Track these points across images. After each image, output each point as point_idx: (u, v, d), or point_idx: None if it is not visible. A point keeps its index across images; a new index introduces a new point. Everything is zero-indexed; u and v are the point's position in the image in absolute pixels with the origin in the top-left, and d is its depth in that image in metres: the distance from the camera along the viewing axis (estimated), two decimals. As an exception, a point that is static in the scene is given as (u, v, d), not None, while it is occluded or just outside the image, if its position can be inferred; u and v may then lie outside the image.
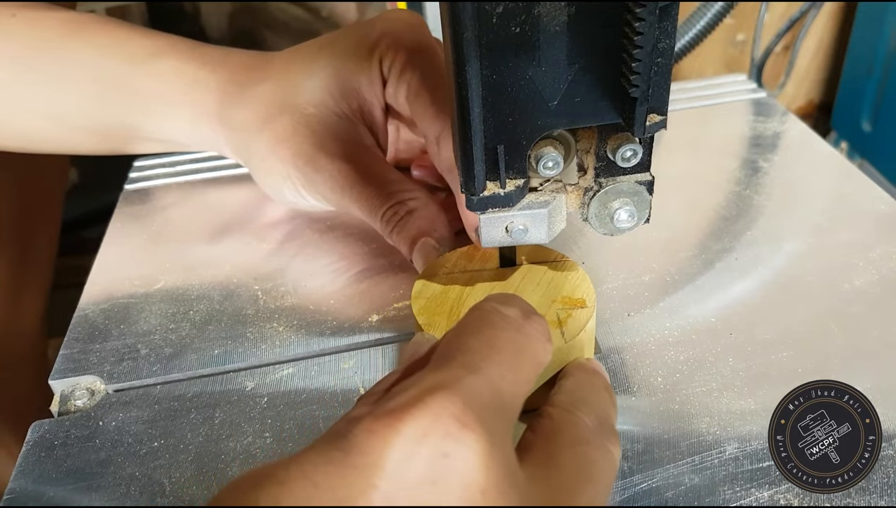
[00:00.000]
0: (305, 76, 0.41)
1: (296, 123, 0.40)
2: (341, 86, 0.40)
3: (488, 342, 0.23)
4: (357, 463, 0.19)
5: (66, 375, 0.35)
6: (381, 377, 0.34)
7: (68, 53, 0.43)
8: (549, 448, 0.24)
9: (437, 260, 0.35)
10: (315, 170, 0.39)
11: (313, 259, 0.42)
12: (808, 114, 1.29)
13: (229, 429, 0.32)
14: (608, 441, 0.25)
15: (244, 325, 0.38)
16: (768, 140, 0.51)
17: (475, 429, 0.20)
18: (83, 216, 1.02)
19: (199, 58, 0.43)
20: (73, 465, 0.31)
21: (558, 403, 0.26)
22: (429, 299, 0.33)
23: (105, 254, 0.44)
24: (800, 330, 0.35)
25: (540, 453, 0.24)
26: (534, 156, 0.29)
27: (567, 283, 0.33)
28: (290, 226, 0.46)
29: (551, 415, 0.25)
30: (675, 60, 0.70)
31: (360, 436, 0.20)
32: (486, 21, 0.24)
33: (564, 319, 0.31)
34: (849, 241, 0.41)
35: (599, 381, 0.29)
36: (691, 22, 0.67)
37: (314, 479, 0.19)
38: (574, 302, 0.32)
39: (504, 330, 0.24)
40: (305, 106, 0.40)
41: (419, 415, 0.20)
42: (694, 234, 0.42)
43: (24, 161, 0.66)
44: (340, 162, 0.39)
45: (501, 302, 0.25)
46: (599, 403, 0.27)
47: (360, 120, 0.41)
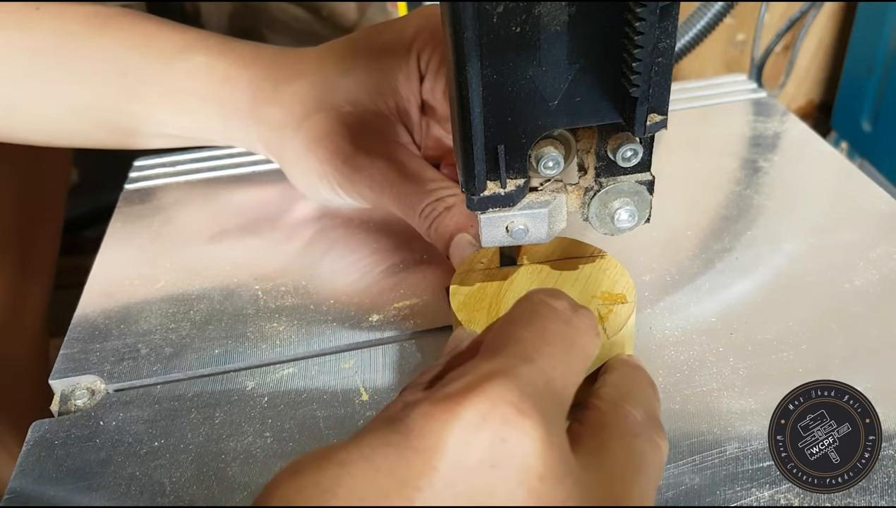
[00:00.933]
0: (341, 74, 0.40)
1: (333, 122, 0.40)
2: (378, 84, 0.40)
3: (539, 333, 0.23)
4: (417, 446, 0.19)
5: (67, 375, 0.35)
6: (381, 377, 0.34)
7: (95, 47, 0.42)
8: (598, 439, 0.24)
9: (473, 256, 0.35)
10: (354, 169, 0.39)
11: (313, 258, 0.42)
12: (808, 114, 1.29)
13: (230, 429, 0.32)
14: (656, 434, 0.25)
15: (244, 325, 0.38)
16: (768, 140, 0.51)
17: (532, 416, 0.20)
18: (83, 216, 1.02)
19: (229, 53, 0.43)
20: (73, 465, 0.31)
21: (605, 396, 0.26)
22: (467, 295, 0.33)
23: (105, 254, 0.44)
24: (800, 330, 0.35)
25: (590, 443, 0.24)
26: (534, 156, 0.29)
27: (606, 278, 0.33)
28: (289, 225, 0.46)
29: (599, 408, 0.26)
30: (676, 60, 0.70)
31: (418, 420, 0.20)
32: (487, 21, 0.24)
33: (605, 315, 0.31)
34: (849, 241, 0.41)
35: (644, 376, 0.29)
36: (691, 22, 0.67)
37: (374, 461, 0.19)
38: (614, 298, 0.32)
39: (554, 322, 0.24)
40: (342, 104, 0.40)
41: (477, 401, 0.20)
42: (694, 234, 0.42)
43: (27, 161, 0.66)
44: (379, 160, 0.39)
45: (549, 294, 0.25)
46: (646, 398, 0.27)
47: (396, 117, 0.40)
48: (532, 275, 0.33)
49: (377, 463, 0.19)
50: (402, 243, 0.43)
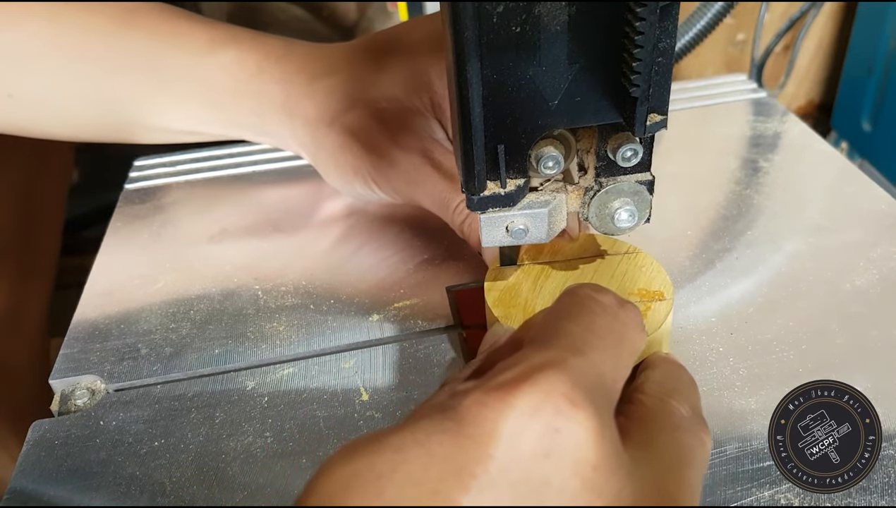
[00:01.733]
0: (376, 71, 0.40)
1: (368, 118, 0.40)
2: (413, 80, 0.40)
3: (588, 327, 0.23)
4: (472, 434, 0.19)
5: (67, 375, 0.35)
6: (381, 377, 0.34)
7: (125, 41, 0.42)
8: (646, 433, 0.24)
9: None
10: (390, 165, 0.39)
11: (313, 258, 0.42)
12: (808, 114, 1.29)
13: (229, 429, 0.32)
14: (701, 430, 0.25)
15: (245, 325, 0.38)
16: (768, 140, 0.51)
17: (585, 408, 0.20)
18: (83, 216, 1.02)
19: (261, 48, 0.43)
20: (73, 465, 0.31)
21: (651, 392, 0.26)
22: (502, 291, 0.33)
23: (105, 254, 0.44)
24: (800, 330, 0.35)
25: (638, 438, 0.24)
26: (534, 156, 0.29)
27: (642, 275, 0.33)
28: (289, 225, 0.46)
29: (644, 403, 0.26)
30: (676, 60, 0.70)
31: (471, 408, 0.20)
32: (487, 20, 0.24)
33: (644, 312, 0.30)
34: (849, 241, 0.41)
35: (686, 374, 0.29)
36: (691, 22, 0.67)
37: (428, 447, 0.19)
38: (652, 295, 0.32)
39: (601, 316, 0.24)
40: (378, 100, 0.40)
41: (530, 391, 0.20)
42: (694, 234, 0.42)
43: (28, 161, 0.66)
44: (415, 156, 0.39)
45: (595, 289, 0.25)
46: (690, 394, 0.27)
47: (430, 113, 0.40)
48: (567, 272, 0.33)
49: (431, 449, 0.19)
50: (402, 243, 0.43)
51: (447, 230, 0.38)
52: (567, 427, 0.20)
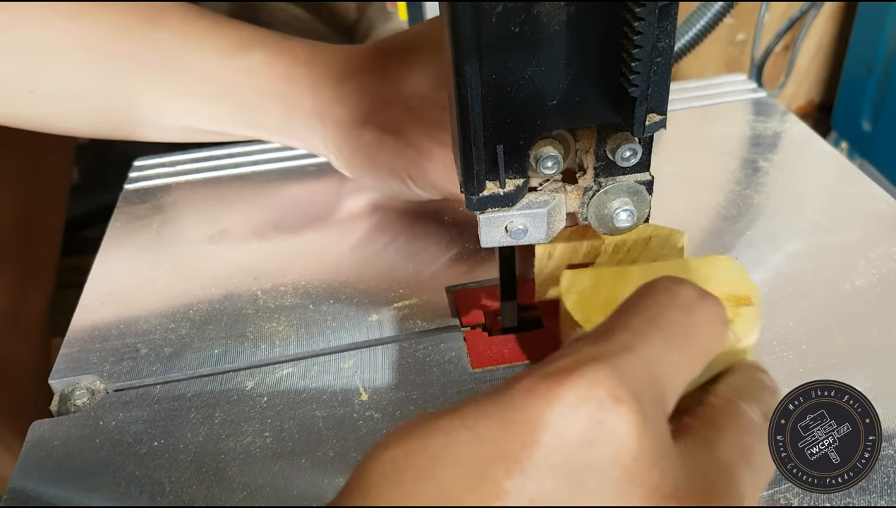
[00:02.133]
0: (405, 69, 0.40)
1: (401, 115, 0.40)
2: (441, 76, 0.40)
3: (650, 320, 0.23)
4: (518, 419, 0.20)
5: (66, 375, 0.35)
6: (381, 377, 0.34)
7: (152, 41, 0.42)
8: (707, 431, 0.24)
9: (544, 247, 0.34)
10: (427, 160, 0.39)
11: (313, 258, 0.42)
12: (808, 114, 1.29)
13: (229, 429, 0.32)
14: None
15: (244, 325, 0.38)
16: (768, 140, 0.51)
17: (628, 403, 0.20)
18: (83, 216, 1.02)
19: (288, 52, 0.43)
20: (73, 465, 0.31)
21: (721, 393, 0.26)
22: (580, 293, 0.31)
23: (105, 253, 0.44)
24: (800, 330, 0.35)
25: (699, 435, 0.23)
26: (533, 156, 0.29)
27: (727, 279, 0.31)
28: (289, 225, 0.46)
29: (713, 404, 0.25)
30: (675, 60, 0.70)
31: (519, 395, 0.20)
32: (486, 20, 0.24)
33: (732, 318, 0.28)
34: (849, 241, 0.41)
35: (766, 378, 0.28)
36: (691, 22, 0.67)
37: (476, 431, 0.20)
38: (739, 300, 0.30)
39: (672, 309, 0.23)
40: (409, 98, 0.40)
41: (576, 382, 0.20)
42: (694, 234, 0.42)
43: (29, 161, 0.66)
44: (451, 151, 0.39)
45: (674, 281, 0.25)
46: (765, 399, 0.26)
47: None
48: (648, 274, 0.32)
49: (479, 433, 0.20)
50: (402, 243, 0.43)
51: (447, 229, 0.38)
52: (610, 419, 0.20)
